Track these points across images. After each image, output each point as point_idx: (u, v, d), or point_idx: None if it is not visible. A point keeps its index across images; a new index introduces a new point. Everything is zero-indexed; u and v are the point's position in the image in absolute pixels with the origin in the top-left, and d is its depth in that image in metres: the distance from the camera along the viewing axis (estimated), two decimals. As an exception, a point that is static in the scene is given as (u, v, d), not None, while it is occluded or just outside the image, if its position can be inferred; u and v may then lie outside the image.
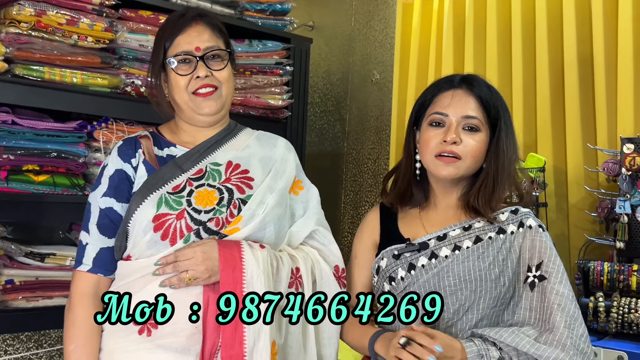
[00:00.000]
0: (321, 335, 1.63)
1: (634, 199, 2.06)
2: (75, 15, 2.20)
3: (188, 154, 1.62)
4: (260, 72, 2.70)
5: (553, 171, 2.47)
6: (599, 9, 2.36)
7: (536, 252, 1.52)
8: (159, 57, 1.62)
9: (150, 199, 1.53)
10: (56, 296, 2.21)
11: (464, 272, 1.50)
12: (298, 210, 1.69)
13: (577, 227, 2.39)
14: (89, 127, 2.26)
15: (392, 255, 1.57)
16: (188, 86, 1.59)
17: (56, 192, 2.19)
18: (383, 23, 3.25)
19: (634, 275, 2.00)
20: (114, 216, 1.57)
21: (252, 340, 1.45)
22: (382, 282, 1.59)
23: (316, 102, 3.50)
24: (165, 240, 1.50)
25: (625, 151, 2.09)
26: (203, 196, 1.56)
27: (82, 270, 1.56)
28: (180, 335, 1.47)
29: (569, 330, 1.42)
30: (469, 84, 1.57)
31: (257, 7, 2.72)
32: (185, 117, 1.65)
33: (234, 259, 1.48)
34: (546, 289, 1.47)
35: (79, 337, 1.52)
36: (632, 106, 2.25)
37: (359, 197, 3.28)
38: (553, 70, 2.50)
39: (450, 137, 1.51)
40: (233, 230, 1.54)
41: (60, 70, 2.19)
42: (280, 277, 1.55)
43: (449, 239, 1.54)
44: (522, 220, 1.56)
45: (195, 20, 1.63)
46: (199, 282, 1.48)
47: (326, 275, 1.63)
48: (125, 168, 1.59)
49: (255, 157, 1.66)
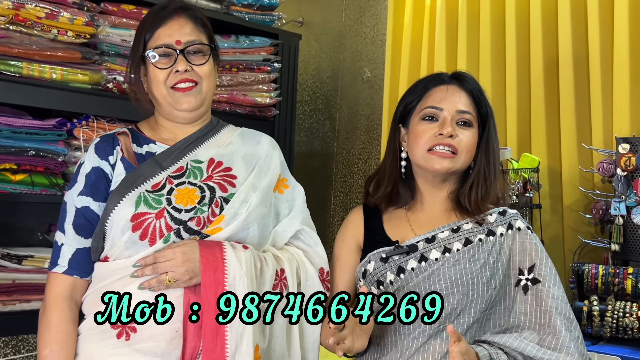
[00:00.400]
0: (305, 340, 1.59)
1: (630, 200, 2.03)
2: (55, 9, 2.14)
3: (168, 151, 1.59)
4: (247, 68, 2.65)
5: (547, 172, 2.45)
6: (594, 5, 2.34)
7: (527, 255, 1.52)
8: (138, 50, 1.59)
9: (129, 197, 1.49)
10: (34, 300, 2.16)
11: (456, 275, 1.49)
12: (283, 209, 1.65)
13: (571, 229, 2.36)
14: (68, 125, 2.22)
15: (380, 258, 1.55)
16: (167, 80, 1.55)
17: (34, 191, 2.14)
18: (374, 19, 3.21)
19: (629, 278, 1.97)
20: (91, 216, 1.53)
21: (234, 344, 1.41)
22: (369, 286, 1.56)
23: (305, 100, 3.46)
24: (144, 240, 1.46)
25: (620, 151, 2.06)
26: (184, 195, 1.52)
27: (57, 272, 1.52)
28: (159, 339, 1.43)
29: (569, 333, 1.44)
30: (460, 80, 1.59)
31: (244, 2, 2.67)
32: (164, 112, 1.61)
33: (216, 260, 1.44)
34: (542, 293, 1.48)
35: (54, 342, 1.48)
36: (628, 105, 2.23)
37: (349, 198, 3.24)
38: (547, 68, 2.47)
39: (447, 130, 1.51)
40: (215, 230, 1.50)
41: (39, 65, 2.14)
42: (264, 279, 1.51)
43: (438, 241, 1.53)
44: (510, 221, 1.56)
45: (177, 13, 1.59)
46: (179, 284, 1.44)
47: (311, 277, 1.60)
48: (102, 166, 1.55)
49: (238, 154, 1.63)
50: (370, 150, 3.18)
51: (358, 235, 1.64)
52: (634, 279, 1.96)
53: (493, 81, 2.59)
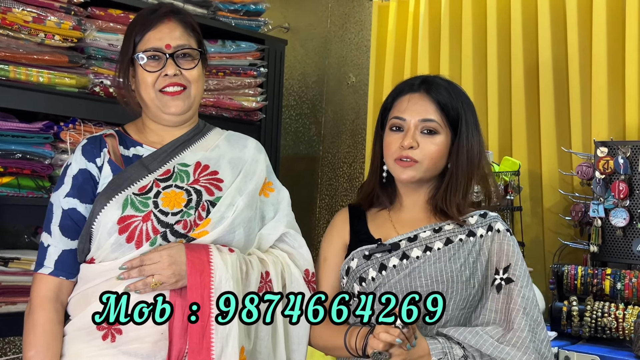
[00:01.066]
0: (291, 340, 1.60)
1: (608, 203, 2.06)
2: (42, 13, 2.15)
3: (155, 154, 1.58)
4: (234, 73, 2.67)
5: (528, 175, 2.47)
6: (573, 14, 2.37)
7: (504, 256, 1.54)
8: (128, 52, 1.58)
9: (116, 200, 1.49)
10: (20, 302, 2.15)
11: (436, 273, 1.51)
12: (268, 212, 1.65)
13: (551, 231, 2.39)
14: (55, 128, 2.22)
15: (363, 255, 1.57)
16: (155, 83, 1.55)
17: (21, 194, 2.14)
18: (359, 25, 3.24)
19: (607, 279, 2.00)
20: (77, 217, 1.52)
21: (219, 346, 1.42)
22: (352, 282, 1.58)
23: (291, 104, 3.48)
24: (130, 243, 1.46)
25: (599, 155, 2.09)
26: (170, 198, 1.52)
27: (43, 273, 1.51)
28: (145, 341, 1.43)
29: (532, 334, 1.45)
30: (427, 87, 1.57)
31: (230, 7, 2.69)
32: (151, 115, 1.61)
33: (202, 263, 1.45)
34: (513, 292, 1.50)
35: (39, 343, 1.47)
36: (606, 110, 2.26)
37: (335, 201, 3.26)
38: (528, 73, 2.50)
39: (407, 142, 1.52)
40: (201, 234, 1.50)
41: (26, 69, 2.14)
42: (249, 282, 1.52)
43: (420, 240, 1.55)
44: (490, 223, 1.58)
45: (168, 17, 1.59)
46: (165, 287, 1.44)
47: (296, 279, 1.61)
48: (89, 168, 1.55)
49: (224, 157, 1.63)
50: (355, 153, 3.20)
51: (344, 235, 1.65)
52: (612, 280, 1.99)
53: (475, 86, 2.61)
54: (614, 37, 2.28)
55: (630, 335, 1.89)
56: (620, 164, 2.03)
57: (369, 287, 1.54)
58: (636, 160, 2.03)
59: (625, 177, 2.03)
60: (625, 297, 1.97)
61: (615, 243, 2.06)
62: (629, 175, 2.04)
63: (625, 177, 2.03)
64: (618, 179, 2.05)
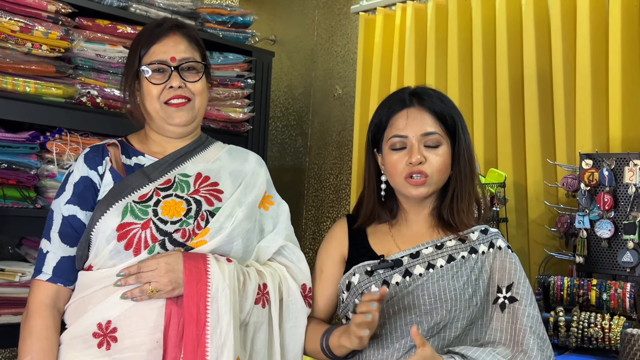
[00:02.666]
0: (287, 356, 1.58)
1: (593, 214, 2.07)
2: (29, 23, 2.13)
3: (156, 164, 1.58)
4: (221, 84, 2.66)
5: (513, 186, 2.47)
6: (557, 28, 2.39)
7: (506, 274, 1.52)
8: (133, 64, 1.59)
9: (115, 207, 1.49)
10: (5, 314, 2.12)
11: (439, 291, 1.49)
12: (267, 225, 1.64)
13: (537, 243, 2.39)
14: (41, 138, 2.20)
15: (365, 271, 1.54)
16: (160, 95, 1.56)
17: (6, 204, 2.11)
18: (345, 38, 3.24)
19: (593, 289, 2.00)
20: (77, 224, 1.52)
21: (214, 356, 1.40)
22: (353, 298, 1.55)
23: (278, 116, 3.47)
24: (129, 250, 1.46)
25: (584, 167, 2.10)
26: (170, 207, 1.52)
27: (41, 280, 1.50)
28: (140, 349, 1.41)
29: (541, 352, 1.43)
30: (420, 99, 1.56)
31: (218, 19, 2.69)
32: (155, 126, 1.61)
33: (199, 272, 1.43)
34: (518, 311, 1.47)
35: (36, 349, 1.45)
36: (590, 122, 2.27)
37: (321, 212, 3.24)
38: (513, 86, 2.52)
39: (414, 158, 1.50)
40: (200, 243, 1.50)
41: (12, 78, 2.12)
42: (246, 293, 1.51)
43: (422, 256, 1.53)
44: (492, 240, 1.56)
45: (173, 31, 1.61)
46: (161, 295, 1.43)
47: (293, 293, 1.59)
48: (91, 175, 1.55)
49: (225, 170, 1.63)
50: (342, 165, 3.19)
51: (342, 247, 1.63)
52: (598, 290, 1.99)
53: (460, 100, 2.62)
54: (598, 51, 2.30)
55: (616, 345, 1.89)
56: (605, 176, 2.04)
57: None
58: (621, 172, 2.04)
59: (610, 188, 2.04)
60: (611, 307, 1.97)
61: (601, 254, 2.06)
62: (614, 187, 2.05)
63: (610, 188, 2.04)
64: (603, 190, 2.05)
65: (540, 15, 2.46)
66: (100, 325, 1.42)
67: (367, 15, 3.02)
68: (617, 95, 2.22)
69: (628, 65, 2.23)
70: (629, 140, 2.20)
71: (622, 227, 2.02)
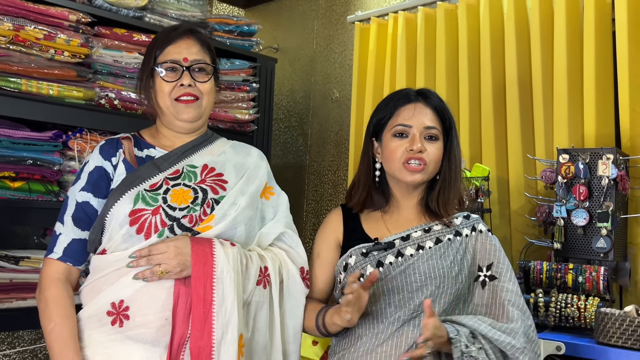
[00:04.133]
0: (287, 333, 1.59)
1: (569, 204, 2.07)
2: (52, 31, 2.14)
3: (166, 156, 1.59)
4: (228, 88, 2.67)
5: (496, 180, 2.48)
6: (536, 35, 2.40)
7: (486, 254, 1.56)
8: (149, 63, 1.60)
9: (128, 195, 1.49)
10: (30, 298, 2.13)
11: (429, 269, 1.51)
12: (268, 213, 1.65)
13: (518, 231, 2.39)
14: (64, 137, 2.21)
15: (361, 253, 1.56)
16: (171, 93, 1.57)
17: (31, 198, 2.12)
18: (342, 46, 3.25)
19: (569, 273, 2.01)
20: (90, 210, 1.52)
21: (220, 332, 1.41)
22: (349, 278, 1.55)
23: (280, 118, 3.48)
24: (140, 234, 1.46)
25: (561, 161, 2.10)
26: (178, 195, 1.52)
27: (52, 258, 1.51)
28: (150, 326, 1.42)
29: (521, 321, 1.46)
30: (424, 97, 1.60)
31: (225, 28, 2.70)
32: (165, 121, 1.62)
33: (206, 255, 1.44)
34: (497, 288, 1.51)
35: (56, 315, 1.45)
36: (567, 121, 2.27)
37: (320, 205, 3.25)
38: (496, 89, 2.52)
39: (416, 146, 1.53)
40: (206, 228, 1.50)
41: (37, 82, 2.13)
42: (249, 274, 1.51)
43: (412, 239, 1.55)
44: (474, 224, 1.60)
45: (187, 34, 1.62)
46: (170, 276, 1.43)
47: (292, 275, 1.60)
48: (105, 165, 1.55)
49: (229, 162, 1.64)
50: (339, 162, 3.20)
51: (337, 233, 1.65)
52: (574, 274, 2.00)
53: (447, 101, 2.56)
54: (573, 56, 2.30)
55: (591, 324, 1.90)
56: (580, 169, 2.04)
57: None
58: (595, 165, 2.04)
59: (585, 180, 2.05)
60: (586, 289, 1.98)
61: (577, 240, 2.06)
62: (588, 179, 2.05)
63: (585, 180, 2.05)
64: (578, 182, 2.06)
65: (521, 23, 2.47)
66: (114, 304, 1.43)
67: (362, 25, 3.02)
68: (591, 96, 2.23)
69: (601, 69, 2.24)
70: (602, 136, 2.21)
71: (596, 216, 2.02)
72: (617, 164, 2.01)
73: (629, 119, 2.15)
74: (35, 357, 2.58)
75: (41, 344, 2.58)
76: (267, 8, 3.60)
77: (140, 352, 1.41)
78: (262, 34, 3.14)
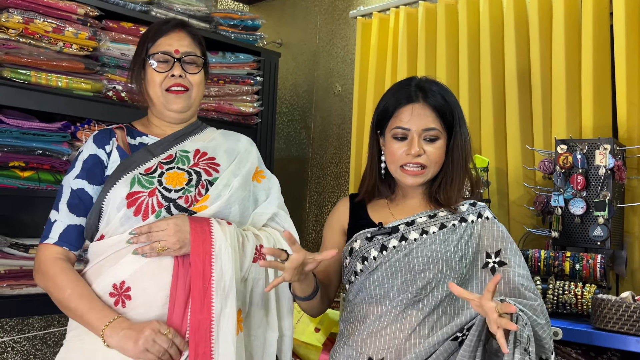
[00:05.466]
0: (281, 310, 1.63)
1: (567, 194, 2.08)
2: (61, 24, 2.15)
3: (159, 142, 1.62)
4: (233, 81, 2.68)
5: (495, 171, 2.48)
6: (535, 29, 2.40)
7: (494, 241, 1.55)
8: (140, 55, 1.62)
9: (124, 179, 1.51)
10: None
11: (432, 253, 1.50)
12: (261, 196, 1.68)
13: (516, 221, 2.40)
14: (72, 128, 2.22)
15: (365, 237, 1.56)
16: (162, 83, 1.59)
17: (41, 187, 2.14)
18: (344, 40, 3.25)
19: (567, 260, 2.01)
20: (85, 197, 1.53)
21: (219, 307, 1.43)
22: (354, 262, 1.57)
23: (284, 111, 3.49)
24: (137, 216, 1.48)
25: (559, 151, 2.11)
26: (173, 177, 1.54)
27: (48, 243, 1.51)
28: (152, 305, 1.43)
29: (540, 300, 1.46)
30: (424, 94, 1.56)
31: (230, 23, 2.71)
32: (156, 112, 1.64)
33: (204, 233, 1.46)
34: (508, 273, 1.49)
35: (68, 282, 1.44)
36: (565, 112, 2.28)
37: (323, 197, 3.26)
38: (495, 82, 2.53)
39: (414, 150, 1.52)
40: (201, 208, 1.53)
41: (46, 74, 2.14)
42: (245, 252, 1.54)
43: (417, 224, 1.55)
44: (480, 211, 1.59)
45: (178, 28, 1.64)
46: (169, 253, 1.45)
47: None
48: (99, 153, 1.57)
49: (221, 147, 1.66)
50: (341, 155, 3.21)
51: (343, 220, 1.65)
52: (571, 261, 2.00)
53: None
54: (571, 49, 2.31)
55: (588, 310, 1.91)
56: (578, 159, 2.05)
57: (371, 265, 1.53)
58: (592, 155, 2.05)
59: (582, 170, 2.05)
60: (583, 276, 1.99)
61: (574, 229, 2.07)
62: (586, 169, 2.06)
63: (583, 170, 2.05)
64: (576, 172, 2.06)
65: (520, 17, 2.48)
66: (115, 285, 1.44)
67: (364, 20, 3.03)
68: (588, 88, 2.23)
69: (598, 61, 2.24)
70: (599, 127, 2.22)
71: (593, 205, 2.03)
72: (614, 154, 2.02)
73: (626, 111, 2.15)
74: (45, 343, 2.60)
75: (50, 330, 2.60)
76: (270, 4, 3.61)
77: None
78: (265, 29, 3.15)
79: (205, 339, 1.40)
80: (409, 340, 1.45)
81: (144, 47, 1.61)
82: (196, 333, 1.40)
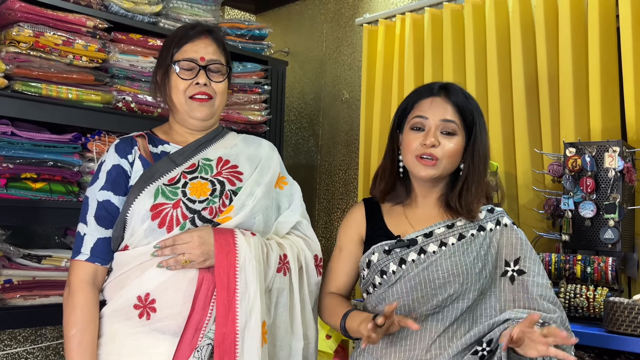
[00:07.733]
0: (306, 318, 1.60)
1: (577, 197, 2.06)
2: (70, 37, 2.17)
3: (181, 151, 1.60)
4: (241, 90, 2.69)
5: (504, 175, 2.47)
6: (541, 33, 2.40)
7: (512, 249, 1.52)
8: (165, 60, 1.60)
9: (148, 190, 1.50)
10: (52, 295, 2.16)
11: (452, 266, 1.47)
12: (283, 203, 1.66)
13: (526, 225, 2.39)
14: (83, 139, 2.24)
15: (383, 250, 1.53)
16: (186, 90, 1.57)
17: (52, 198, 2.15)
18: (351, 48, 3.26)
19: (578, 264, 2.00)
20: (111, 208, 1.52)
21: (244, 320, 1.42)
22: (373, 275, 1.55)
23: (292, 119, 3.50)
24: (162, 228, 1.46)
25: (567, 154, 2.10)
26: (197, 187, 1.53)
27: (80, 260, 1.50)
28: (177, 318, 1.42)
29: (560, 311, 1.44)
30: (446, 91, 1.55)
31: (237, 32, 2.72)
32: (179, 119, 1.63)
33: (228, 245, 1.45)
34: (527, 282, 1.47)
35: (80, 322, 1.45)
36: (573, 115, 2.27)
37: (331, 204, 3.26)
38: (502, 86, 2.52)
39: (429, 140, 1.50)
40: (225, 219, 1.51)
41: (56, 86, 2.16)
42: (270, 262, 1.52)
43: (435, 236, 1.52)
44: (498, 218, 1.56)
45: (205, 34, 1.61)
46: (194, 265, 1.44)
47: (310, 262, 1.61)
48: (122, 163, 1.55)
49: (243, 154, 1.64)
50: (350, 162, 3.21)
51: (361, 228, 1.62)
52: (582, 265, 1.99)
53: None
54: (578, 52, 2.30)
55: (600, 313, 1.89)
56: (587, 162, 2.04)
57: (390, 279, 1.51)
58: (601, 158, 2.04)
59: (591, 173, 2.04)
60: (595, 279, 1.97)
61: (584, 232, 2.06)
62: (595, 172, 2.04)
63: (592, 173, 2.04)
64: (585, 175, 2.05)
65: (526, 21, 2.47)
66: (140, 297, 1.43)
67: (370, 27, 3.03)
68: (596, 91, 2.22)
69: (606, 64, 2.24)
70: (607, 129, 2.20)
71: (603, 208, 2.02)
72: (623, 157, 2.01)
73: (634, 113, 2.14)
74: (58, 354, 2.61)
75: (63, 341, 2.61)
76: (277, 13, 3.62)
77: (167, 342, 1.42)
78: (272, 38, 3.16)
79: (230, 352, 1.39)
80: (429, 352, 1.44)
81: (169, 53, 1.58)
82: (220, 346, 1.39)
